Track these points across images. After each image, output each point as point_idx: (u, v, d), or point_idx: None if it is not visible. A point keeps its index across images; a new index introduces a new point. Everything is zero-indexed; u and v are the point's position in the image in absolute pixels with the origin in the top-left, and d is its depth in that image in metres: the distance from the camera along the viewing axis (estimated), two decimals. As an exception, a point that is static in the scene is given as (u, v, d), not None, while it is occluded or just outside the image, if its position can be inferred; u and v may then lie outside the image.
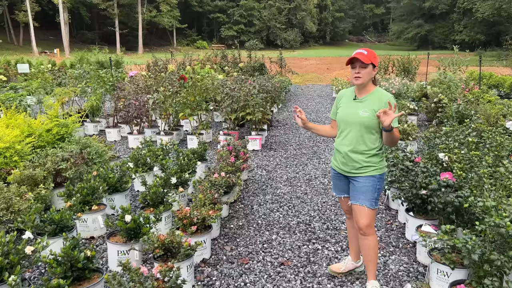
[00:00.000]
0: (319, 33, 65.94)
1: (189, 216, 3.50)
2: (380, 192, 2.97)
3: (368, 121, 2.84)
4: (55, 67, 16.14)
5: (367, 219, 2.93)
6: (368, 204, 2.91)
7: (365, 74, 2.84)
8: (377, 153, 2.91)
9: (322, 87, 17.89)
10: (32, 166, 4.50)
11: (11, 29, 46.29)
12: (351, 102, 2.97)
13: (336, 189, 3.19)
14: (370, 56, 2.83)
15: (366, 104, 2.88)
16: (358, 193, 2.93)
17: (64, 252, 2.74)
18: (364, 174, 2.90)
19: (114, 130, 8.13)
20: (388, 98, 2.83)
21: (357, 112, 2.88)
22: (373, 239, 3.00)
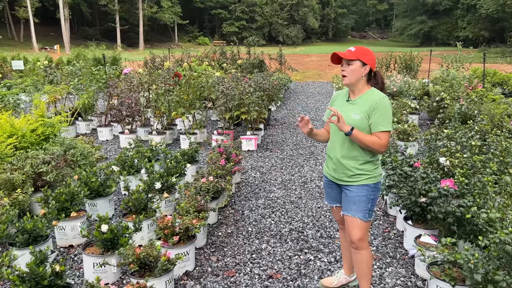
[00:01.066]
0: (321, 30, 65.39)
1: (170, 226, 3.26)
2: (374, 202, 2.73)
3: (360, 124, 2.60)
4: (52, 63, 15.90)
5: (360, 232, 2.70)
6: (361, 216, 2.67)
7: (350, 71, 2.61)
8: (371, 160, 2.68)
9: (322, 84, 17.60)
10: (10, 169, 4.27)
11: (12, 25, 46.05)
12: (344, 104, 2.74)
13: (328, 198, 2.98)
14: (357, 52, 2.60)
15: (358, 106, 2.65)
16: (350, 204, 2.70)
17: (28, 268, 2.51)
18: (357, 183, 2.66)
19: (106, 129, 7.90)
20: (378, 100, 2.59)
21: (348, 114, 2.64)
22: (367, 253, 2.77)
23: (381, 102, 2.58)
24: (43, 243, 3.35)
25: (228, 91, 7.10)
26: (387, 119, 2.57)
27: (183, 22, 53.96)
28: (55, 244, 3.82)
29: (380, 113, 2.56)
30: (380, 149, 2.59)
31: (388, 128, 2.58)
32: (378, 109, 2.56)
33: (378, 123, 2.57)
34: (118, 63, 15.02)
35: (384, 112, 2.57)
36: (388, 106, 2.60)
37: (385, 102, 2.58)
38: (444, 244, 2.84)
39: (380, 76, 2.71)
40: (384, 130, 2.56)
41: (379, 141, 2.56)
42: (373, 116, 2.57)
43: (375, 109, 2.56)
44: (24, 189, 4.12)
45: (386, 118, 2.57)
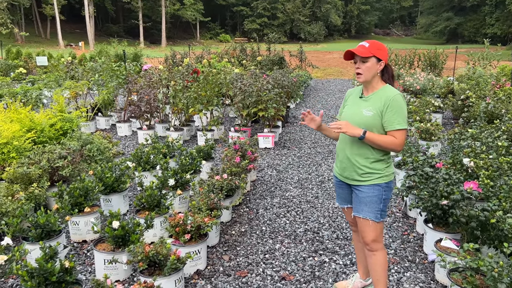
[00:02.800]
0: (344, 26, 64.58)
1: (182, 224, 3.21)
2: (387, 202, 2.63)
3: (372, 121, 2.50)
4: (75, 60, 16.18)
5: (373, 233, 2.59)
6: (373, 217, 2.57)
7: (366, 69, 2.50)
8: (382, 158, 2.57)
9: (343, 81, 17.33)
10: (27, 163, 4.31)
11: (39, 22, 47.19)
12: (357, 100, 2.66)
13: (339, 199, 2.87)
14: (372, 48, 2.48)
15: (371, 102, 2.55)
16: (361, 204, 2.59)
17: (37, 263, 2.50)
18: (368, 182, 2.56)
19: (125, 124, 7.94)
20: (392, 97, 2.48)
21: (361, 111, 2.56)
22: (382, 255, 2.65)
23: (394, 99, 2.47)
24: (56, 237, 3.35)
25: (246, 88, 7.02)
26: (402, 117, 2.47)
27: (205, 19, 54.18)
28: (69, 239, 3.83)
29: (395, 111, 2.46)
30: (397, 149, 2.49)
31: (404, 126, 2.47)
32: (392, 107, 2.46)
33: (393, 121, 2.46)
34: (139, 59, 15.14)
35: (399, 110, 2.46)
36: (403, 103, 2.49)
37: (399, 99, 2.48)
38: (466, 249, 2.69)
39: (391, 69, 2.61)
40: (399, 128, 2.46)
41: (395, 141, 2.46)
42: (387, 113, 2.47)
43: (389, 106, 2.46)
44: (40, 183, 4.14)
45: (401, 115, 2.46)
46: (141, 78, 8.70)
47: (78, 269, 3.37)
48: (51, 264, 2.52)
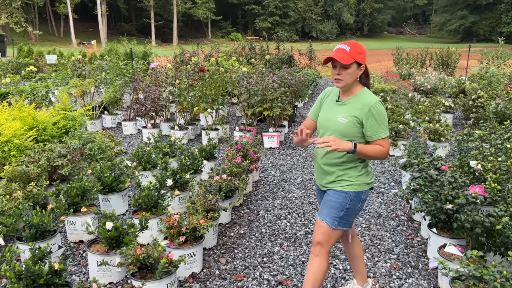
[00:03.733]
0: (356, 25, 64.04)
1: (177, 226, 3.14)
2: (351, 213, 2.44)
3: (346, 129, 2.39)
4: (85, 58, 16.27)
5: (322, 237, 2.44)
6: (329, 222, 2.41)
7: (347, 75, 2.36)
8: (355, 166, 2.45)
9: (354, 81, 17.14)
10: (27, 162, 4.29)
11: (53, 21, 47.75)
12: (333, 104, 2.52)
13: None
14: (353, 53, 2.33)
15: (347, 108, 2.42)
16: (323, 206, 2.50)
17: (24, 266, 2.45)
18: (336, 187, 2.45)
19: (131, 123, 7.92)
20: (372, 105, 2.34)
21: (335, 117, 2.43)
22: (320, 262, 2.44)
23: (375, 107, 2.35)
24: (51, 238, 3.30)
25: (251, 87, 6.94)
26: (385, 124, 2.38)
27: (217, 18, 54.26)
28: (66, 239, 3.79)
29: (378, 119, 2.35)
30: (385, 157, 2.41)
31: (387, 133, 2.40)
32: (374, 116, 2.35)
33: (377, 130, 2.36)
34: (148, 58, 15.15)
35: (381, 118, 2.36)
36: (383, 110, 2.39)
37: (379, 107, 2.37)
38: (469, 257, 2.57)
39: (367, 70, 2.49)
40: (384, 137, 2.38)
41: (383, 149, 2.38)
42: (370, 123, 2.35)
43: (371, 115, 2.35)
44: (39, 182, 4.11)
45: (384, 123, 2.38)
46: (148, 77, 8.68)
47: (73, 269, 3.33)
48: (39, 266, 2.46)
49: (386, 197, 4.82)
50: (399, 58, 15.04)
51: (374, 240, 3.81)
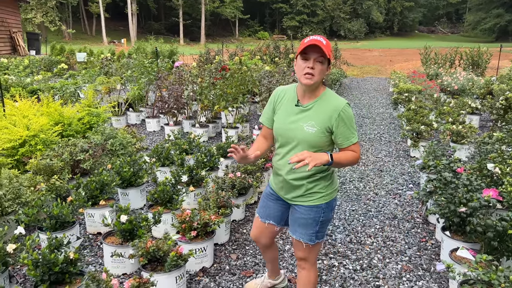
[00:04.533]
0: (386, 24, 62.88)
1: (188, 220, 3.22)
2: (326, 224, 2.34)
3: (315, 139, 2.16)
4: (114, 56, 16.70)
5: (304, 254, 2.38)
6: (307, 239, 2.31)
7: (320, 72, 2.10)
8: (325, 176, 2.27)
9: (380, 80, 16.90)
10: (52, 156, 4.47)
11: (85, 20, 49.15)
12: (292, 108, 2.24)
13: (263, 211, 2.53)
14: (328, 48, 2.08)
15: (312, 115, 2.18)
16: (295, 225, 2.34)
17: (40, 254, 2.58)
18: (307, 203, 2.28)
19: (154, 120, 8.10)
20: (341, 109, 2.14)
21: (300, 125, 2.18)
22: (309, 274, 2.42)
23: (345, 111, 2.15)
24: (70, 229, 3.45)
25: (271, 86, 6.97)
26: (354, 128, 2.21)
27: (244, 16, 54.48)
28: (85, 231, 3.94)
29: (348, 125, 2.17)
30: (357, 162, 2.25)
31: (357, 137, 2.22)
32: (344, 121, 2.15)
33: (349, 136, 2.18)
34: (174, 56, 15.41)
35: (351, 122, 2.18)
36: (351, 113, 2.20)
37: (348, 111, 2.17)
38: (478, 261, 2.53)
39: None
40: (355, 142, 2.20)
41: (356, 155, 2.21)
42: (340, 129, 2.16)
43: (341, 121, 2.15)
44: (62, 175, 4.29)
45: (353, 127, 2.20)
46: (172, 75, 8.84)
47: (90, 260, 3.46)
48: (55, 255, 2.59)
49: (403, 199, 4.76)
50: (426, 57, 14.72)
51: (387, 241, 3.78)
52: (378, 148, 6.90)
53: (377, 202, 4.67)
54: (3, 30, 19.16)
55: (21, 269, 3.28)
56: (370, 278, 3.20)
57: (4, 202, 3.58)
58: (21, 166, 4.62)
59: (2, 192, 3.62)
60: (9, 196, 3.64)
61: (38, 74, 11.94)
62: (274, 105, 2.34)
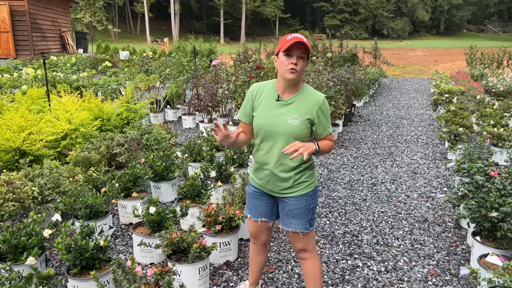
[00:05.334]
0: (432, 22, 60.76)
1: (213, 214, 3.30)
2: (315, 210, 2.47)
3: (299, 131, 2.27)
4: (156, 55, 17.20)
5: (302, 244, 2.47)
6: (303, 228, 2.40)
7: (302, 67, 2.21)
8: (308, 165, 2.40)
9: (422, 80, 16.39)
10: (90, 149, 4.70)
11: (130, 19, 50.86)
12: (273, 103, 2.31)
13: (254, 211, 2.56)
14: (308, 45, 2.18)
15: (295, 108, 2.27)
16: (289, 218, 2.41)
17: (73, 240, 2.74)
18: (295, 193, 2.36)
19: (190, 117, 8.30)
20: (321, 102, 2.28)
21: (284, 119, 2.26)
22: (312, 263, 2.50)
23: (324, 104, 2.32)
24: (103, 218, 3.63)
25: (305, 85, 6.95)
26: (329, 119, 2.38)
27: (285, 15, 54.41)
28: (118, 221, 4.12)
29: (327, 116, 2.34)
30: (332, 149, 2.43)
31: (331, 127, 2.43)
32: (324, 113, 2.32)
33: (326, 126, 2.35)
34: (213, 55, 15.65)
35: (328, 114, 2.36)
36: (328, 105, 2.41)
37: (326, 103, 2.35)
38: (505, 267, 2.44)
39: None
40: (331, 132, 2.40)
41: (331, 143, 2.41)
42: (320, 120, 2.31)
43: (321, 113, 2.30)
44: (98, 167, 4.51)
45: (329, 118, 2.38)
46: (209, 73, 9.01)
47: (121, 249, 3.62)
48: (85, 242, 2.74)
49: (436, 202, 4.63)
50: (472, 57, 14.12)
51: (415, 244, 3.70)
52: (414, 150, 6.73)
53: (408, 205, 4.58)
54: (54, 30, 20.20)
55: (58, 254, 3.49)
56: (394, 280, 3.16)
57: (44, 190, 3.82)
58: (62, 157, 4.89)
59: (43, 181, 3.86)
60: (49, 185, 3.87)
61: (83, 71, 12.51)
62: (252, 102, 2.40)
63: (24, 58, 16.23)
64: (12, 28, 17.52)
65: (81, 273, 2.80)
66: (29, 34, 17.76)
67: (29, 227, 2.96)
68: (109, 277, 2.82)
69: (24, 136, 4.62)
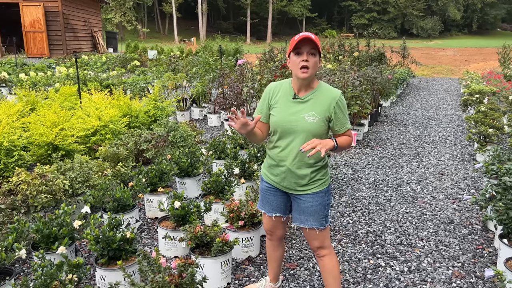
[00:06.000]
0: (464, 21, 59.12)
1: (236, 210, 3.36)
2: (330, 206, 2.47)
3: (316, 127, 2.28)
4: (183, 54, 17.46)
5: (319, 242, 2.49)
6: (318, 225, 2.42)
7: (314, 64, 2.22)
8: (323, 164, 2.41)
9: (452, 80, 16.00)
10: (118, 144, 4.85)
11: (159, 19, 51.74)
12: (289, 102, 2.33)
13: (267, 206, 2.57)
14: (318, 41, 2.20)
15: (312, 105, 2.29)
16: (305, 215, 2.42)
17: (101, 232, 2.84)
18: (311, 190, 2.38)
19: (215, 116, 8.40)
20: (338, 98, 2.30)
21: (301, 116, 2.28)
22: (329, 259, 2.51)
23: (341, 100, 2.32)
24: (130, 212, 3.74)
25: (331, 84, 6.92)
26: (347, 115, 2.39)
27: (312, 15, 54.10)
28: (144, 215, 4.24)
29: (344, 112, 2.35)
30: (351, 145, 2.44)
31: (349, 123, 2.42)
32: (341, 109, 2.33)
33: (344, 122, 2.36)
34: (239, 54, 15.76)
35: (346, 110, 2.37)
36: (345, 101, 2.40)
37: (343, 99, 2.35)
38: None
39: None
40: (350, 127, 2.39)
41: (350, 139, 2.40)
42: (338, 116, 2.32)
43: (338, 109, 2.31)
44: (126, 163, 4.64)
45: (347, 114, 2.39)
46: (234, 73, 9.09)
47: (147, 242, 3.73)
48: (113, 233, 2.84)
49: (462, 204, 4.54)
50: (505, 57, 13.68)
51: (440, 246, 3.65)
52: (442, 151, 6.60)
53: (433, 206, 4.50)
54: (85, 30, 20.81)
55: (86, 245, 3.62)
56: (417, 281, 3.13)
57: (75, 184, 3.97)
58: (92, 153, 5.06)
59: (74, 175, 4.02)
60: (79, 179, 4.02)
61: (113, 70, 12.84)
62: (269, 101, 2.41)
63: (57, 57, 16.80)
64: (46, 28, 18.15)
65: (108, 264, 2.91)
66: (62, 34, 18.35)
67: (60, 218, 3.10)
68: (135, 268, 2.91)
69: (57, 131, 4.81)
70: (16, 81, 9.77)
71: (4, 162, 4.38)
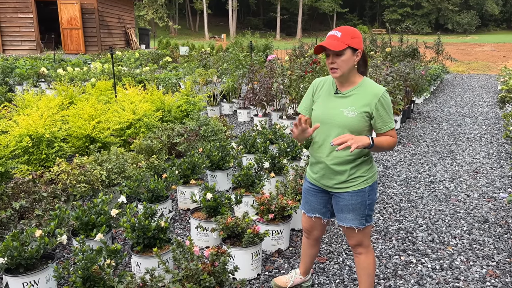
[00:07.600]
0: (502, 16, 56.84)
1: (266, 203, 3.40)
2: (372, 206, 2.39)
3: (355, 123, 2.23)
4: (213, 50, 17.63)
5: (357, 240, 2.45)
6: (358, 224, 2.37)
7: (342, 63, 2.17)
8: (365, 159, 2.33)
9: (488, 77, 15.46)
10: (152, 138, 4.99)
11: (190, 16, 52.38)
12: (331, 97, 2.32)
13: (308, 206, 2.57)
14: (345, 38, 2.14)
15: (352, 100, 2.25)
16: (344, 213, 2.37)
17: (137, 220, 2.95)
18: (351, 188, 2.32)
19: (245, 111, 8.47)
20: (380, 95, 2.22)
21: (340, 111, 2.25)
22: (366, 258, 2.49)
23: (384, 97, 2.23)
24: (163, 202, 3.85)
25: (362, 79, 6.86)
26: (392, 114, 2.28)
27: (343, 10, 53.40)
28: (177, 207, 4.35)
29: (387, 110, 2.25)
30: (394, 146, 2.31)
31: (394, 123, 2.30)
32: (384, 107, 2.24)
33: (387, 121, 2.26)
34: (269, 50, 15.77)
35: (389, 108, 2.27)
36: (390, 100, 2.29)
37: (387, 97, 2.26)
38: None
39: (366, 57, 2.31)
40: (393, 127, 2.29)
41: (394, 140, 2.29)
42: (379, 114, 2.24)
43: (381, 106, 2.23)
44: (160, 155, 4.77)
45: (391, 113, 2.29)
46: (264, 68, 9.13)
47: (179, 232, 3.83)
48: (148, 222, 2.95)
49: (498, 203, 4.42)
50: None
51: (473, 244, 3.58)
52: (477, 149, 6.42)
53: (467, 204, 4.41)
54: (119, 26, 21.34)
55: (122, 234, 3.76)
56: (449, 279, 3.08)
57: (111, 175, 4.12)
58: (127, 145, 5.22)
59: (110, 166, 4.17)
60: (115, 170, 4.17)
61: (146, 66, 13.13)
62: (313, 95, 2.43)
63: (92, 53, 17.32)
64: (82, 25, 18.73)
65: (144, 251, 3.02)
66: (97, 30, 18.89)
67: (98, 206, 3.23)
68: (169, 256, 3.01)
69: (94, 124, 4.99)
70: (54, 76, 10.16)
71: (46, 152, 4.59)
